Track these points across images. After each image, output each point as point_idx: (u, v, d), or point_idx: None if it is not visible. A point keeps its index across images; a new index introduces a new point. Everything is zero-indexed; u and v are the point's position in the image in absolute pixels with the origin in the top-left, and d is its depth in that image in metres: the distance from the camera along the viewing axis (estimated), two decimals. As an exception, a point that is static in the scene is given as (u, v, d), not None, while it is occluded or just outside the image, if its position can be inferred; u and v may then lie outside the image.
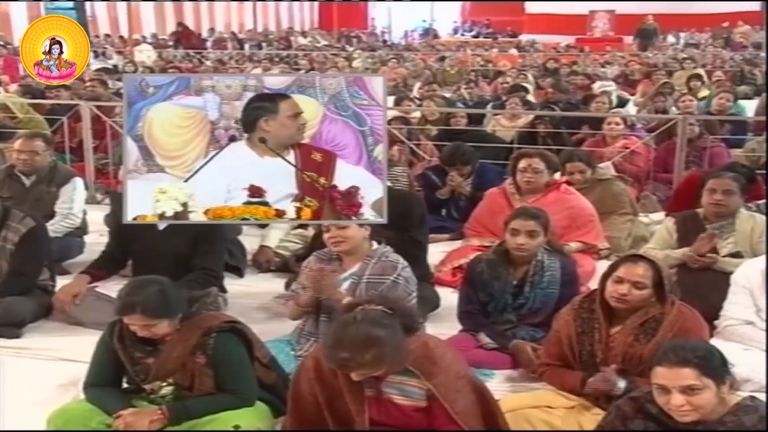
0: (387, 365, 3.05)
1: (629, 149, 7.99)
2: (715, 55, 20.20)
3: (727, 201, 5.05)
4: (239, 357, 3.61)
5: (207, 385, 3.55)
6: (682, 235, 5.12)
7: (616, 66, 17.97)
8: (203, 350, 3.55)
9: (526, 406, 3.65)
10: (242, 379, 3.59)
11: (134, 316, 3.48)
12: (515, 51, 24.23)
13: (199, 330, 3.57)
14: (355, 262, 4.28)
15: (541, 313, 4.44)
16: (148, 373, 3.58)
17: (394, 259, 4.28)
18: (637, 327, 3.67)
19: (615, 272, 3.72)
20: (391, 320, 3.08)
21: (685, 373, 2.79)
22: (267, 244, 6.10)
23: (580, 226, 5.90)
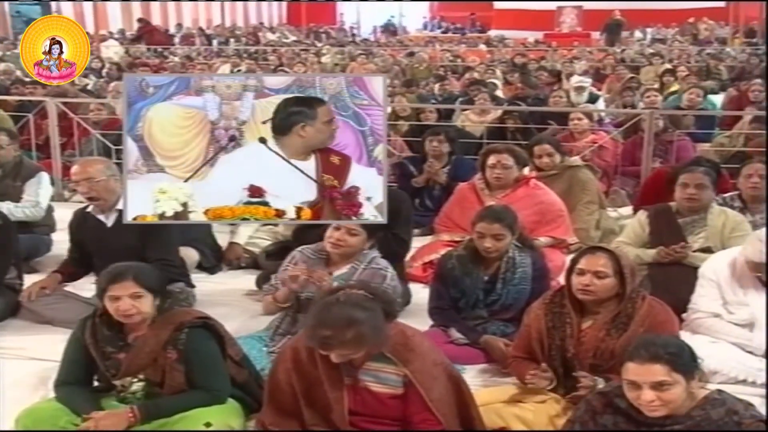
0: (367, 346, 3.10)
1: (597, 144, 8.04)
2: (681, 50, 20.34)
3: (700, 195, 5.10)
4: (211, 353, 3.61)
5: (177, 381, 3.53)
6: (654, 229, 5.17)
7: (584, 61, 18.05)
8: (174, 345, 3.54)
9: (497, 401, 3.67)
10: (214, 374, 3.58)
11: (125, 283, 3.50)
12: (484, 46, 24.29)
13: (171, 325, 3.57)
14: (343, 264, 4.30)
15: (512, 309, 4.45)
16: (119, 368, 3.56)
17: (383, 267, 4.32)
18: (608, 321, 3.70)
19: (577, 265, 3.75)
20: (373, 303, 3.17)
21: (656, 369, 2.81)
22: (236, 241, 6.08)
23: (550, 221, 5.93)
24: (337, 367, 3.19)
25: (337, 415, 3.22)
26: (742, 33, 25.89)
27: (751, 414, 2.86)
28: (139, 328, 3.59)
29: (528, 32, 28.87)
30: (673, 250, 4.94)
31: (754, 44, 22.84)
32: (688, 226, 5.11)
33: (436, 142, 7.04)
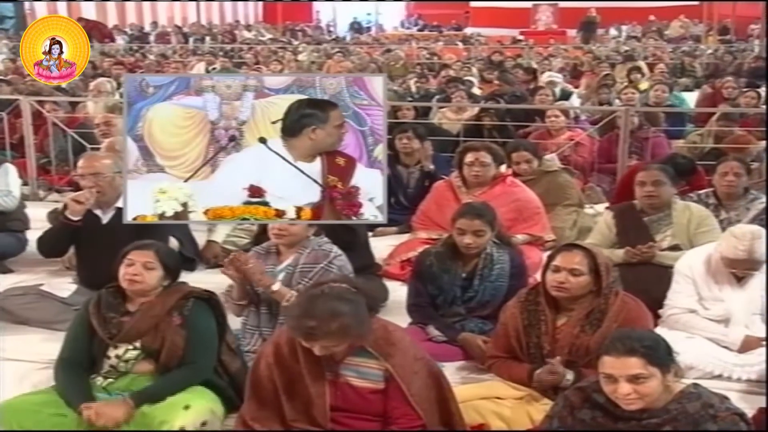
0: (351, 338, 3.12)
1: (574, 141, 8.08)
2: (656, 47, 20.47)
3: (659, 192, 5.12)
4: (209, 327, 3.73)
5: (178, 345, 3.64)
6: (621, 229, 5.19)
7: (560, 58, 18.14)
8: (180, 311, 3.68)
9: (475, 397, 3.69)
10: (204, 349, 3.69)
11: (146, 252, 3.76)
12: (460, 44, 24.34)
13: (179, 293, 3.73)
14: (291, 254, 4.29)
15: (490, 306, 4.46)
16: (120, 329, 3.65)
17: (327, 249, 4.29)
18: (582, 318, 3.72)
19: (552, 262, 3.78)
20: (357, 296, 3.19)
21: (631, 362, 2.83)
22: (214, 239, 6.06)
23: (527, 219, 5.94)
24: (318, 361, 3.20)
25: (319, 409, 3.23)
26: (716, 31, 26.07)
27: (727, 407, 2.88)
28: (140, 301, 3.73)
29: (504, 30, 28.94)
30: (640, 250, 4.97)
31: (727, 42, 23.03)
32: (653, 224, 5.14)
33: (405, 139, 7.06)
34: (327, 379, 3.24)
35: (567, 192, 6.61)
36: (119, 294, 3.77)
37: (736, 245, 4.23)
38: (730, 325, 4.33)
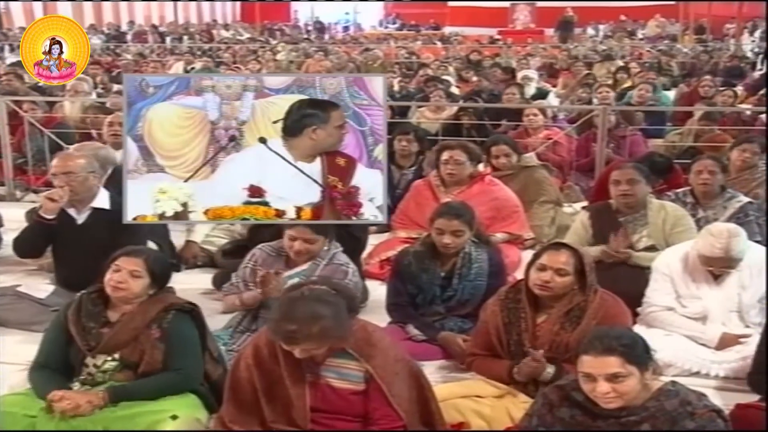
0: (331, 340, 3.11)
1: (552, 140, 8.11)
2: (633, 47, 20.57)
3: (633, 190, 5.13)
4: (191, 338, 3.67)
5: (157, 359, 3.58)
6: (597, 230, 5.20)
7: (538, 58, 18.20)
8: (159, 324, 3.61)
9: (455, 396, 3.69)
10: (188, 357, 3.63)
11: (135, 259, 3.64)
12: (439, 43, 24.36)
13: (160, 305, 3.65)
14: (305, 261, 4.29)
15: (469, 305, 4.47)
16: (99, 341, 3.59)
17: (344, 263, 4.32)
18: (562, 315, 3.74)
19: (538, 260, 3.79)
20: (337, 299, 3.18)
21: (610, 361, 2.84)
22: (193, 239, 6.04)
23: (505, 217, 5.96)
24: (298, 363, 3.19)
25: (299, 411, 3.23)
26: (692, 30, 26.24)
27: (704, 404, 2.91)
28: (122, 308, 3.66)
29: (482, 29, 29.01)
30: (616, 251, 4.98)
31: (703, 41, 23.18)
32: (629, 224, 5.14)
33: (405, 141, 7.04)
34: (307, 381, 3.23)
35: (544, 188, 6.63)
36: (100, 300, 3.70)
37: (713, 243, 4.26)
38: (708, 322, 4.36)
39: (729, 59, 17.08)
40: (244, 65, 15.46)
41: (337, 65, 15.96)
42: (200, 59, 17.73)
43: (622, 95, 11.17)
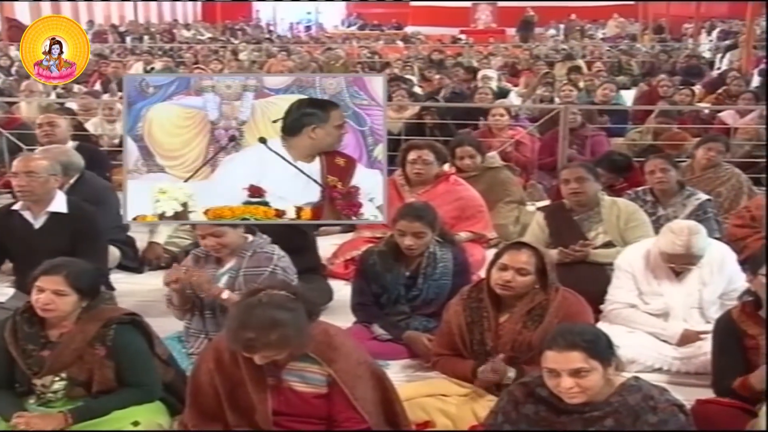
0: (291, 347, 3.09)
1: (515, 139, 8.14)
2: (594, 46, 20.74)
3: (583, 188, 5.16)
4: (140, 349, 3.59)
5: (108, 378, 3.51)
6: (554, 229, 5.23)
7: (500, 57, 18.28)
8: (103, 341, 3.51)
9: (421, 395, 3.71)
10: (144, 371, 3.57)
11: (55, 278, 3.47)
12: (401, 43, 24.39)
13: (98, 321, 3.54)
14: (232, 258, 4.27)
15: (434, 304, 4.49)
16: (42, 365, 3.50)
17: (269, 251, 4.27)
18: (524, 314, 3.76)
19: (499, 260, 3.80)
20: (295, 304, 3.15)
21: (573, 356, 2.87)
22: (156, 241, 6.01)
23: (470, 217, 5.98)
24: (260, 367, 3.17)
25: (261, 415, 3.20)
26: (651, 30, 26.50)
27: (666, 399, 2.95)
28: (59, 326, 3.55)
29: (444, 28, 29.09)
30: (573, 250, 5.02)
31: (663, 40, 23.41)
32: (584, 222, 5.18)
33: None
34: (269, 385, 3.21)
35: (509, 188, 6.67)
36: (36, 318, 3.54)
37: (674, 240, 4.31)
38: (669, 319, 4.42)
39: (686, 59, 17.26)
40: (206, 65, 15.36)
41: (299, 65, 15.93)
42: (161, 59, 17.59)
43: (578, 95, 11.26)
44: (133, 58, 18.20)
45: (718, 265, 4.43)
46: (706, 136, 7.05)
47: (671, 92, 10.83)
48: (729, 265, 4.49)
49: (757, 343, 3.63)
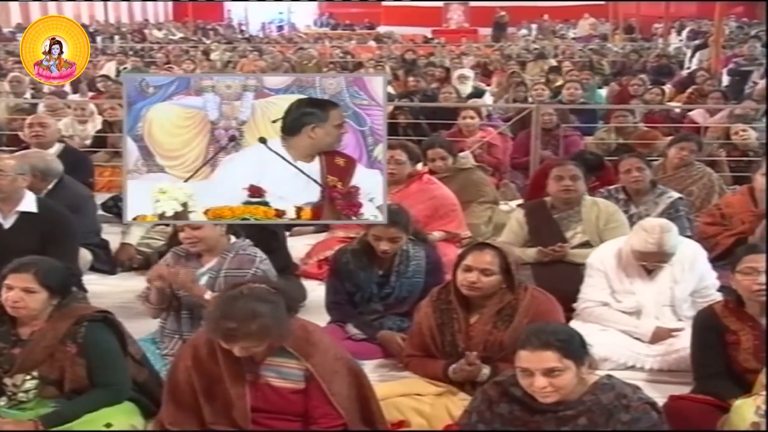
0: (271, 338, 3.11)
1: (486, 139, 8.16)
2: (566, 46, 20.84)
3: (576, 186, 5.20)
4: (111, 348, 3.57)
5: (80, 375, 3.49)
6: (533, 227, 5.25)
7: (472, 57, 18.33)
8: (74, 339, 3.50)
9: (395, 395, 3.71)
10: (114, 370, 3.55)
11: (24, 275, 3.46)
12: (373, 43, 24.40)
13: (70, 319, 3.53)
14: (213, 257, 4.27)
15: (407, 302, 4.50)
16: (12, 363, 3.48)
17: (251, 253, 4.29)
18: (494, 314, 3.78)
19: (463, 261, 3.82)
20: (276, 297, 3.18)
21: (547, 355, 2.88)
22: (128, 242, 5.98)
23: (443, 216, 5.99)
24: (238, 363, 3.18)
25: (239, 411, 3.21)
26: (622, 29, 26.68)
27: (639, 397, 2.96)
28: (30, 324, 3.53)
29: (416, 28, 29.13)
30: (552, 249, 5.05)
31: (633, 40, 23.58)
32: (564, 221, 5.21)
33: None
34: (247, 381, 3.22)
35: (482, 189, 6.68)
36: (6, 317, 3.54)
37: (646, 239, 4.34)
38: (642, 317, 4.45)
39: (656, 58, 17.39)
40: (178, 65, 15.29)
41: (271, 65, 15.89)
42: (132, 59, 17.48)
43: (556, 94, 11.31)
44: (104, 58, 18.07)
45: (690, 263, 4.47)
46: (679, 135, 7.11)
47: (642, 91, 10.91)
48: (700, 262, 4.53)
49: (738, 338, 3.68)
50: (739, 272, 3.69)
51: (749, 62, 15.03)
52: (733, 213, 5.50)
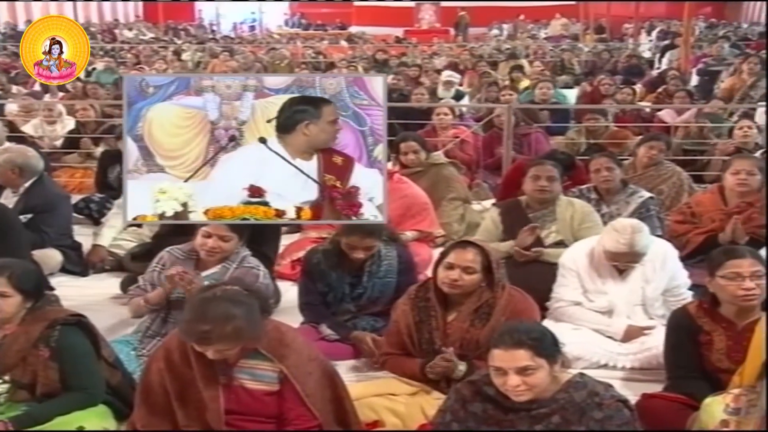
0: (245, 340, 3.09)
1: (459, 138, 8.19)
2: (538, 46, 20.93)
3: (552, 187, 5.23)
4: (85, 351, 3.54)
5: (52, 379, 3.46)
6: (507, 227, 5.26)
7: (444, 57, 18.37)
8: (47, 343, 3.47)
9: (369, 395, 3.72)
10: (88, 374, 3.52)
11: None
12: (345, 43, 24.39)
13: (43, 322, 3.49)
14: (214, 263, 4.27)
15: (379, 302, 4.51)
16: None
17: (254, 265, 4.32)
18: (471, 313, 3.79)
19: (446, 259, 3.82)
20: (249, 299, 3.16)
21: (520, 354, 2.89)
22: (100, 243, 5.94)
23: (415, 215, 6.00)
24: (211, 365, 3.17)
25: (213, 414, 3.19)
26: (593, 30, 26.84)
27: (611, 395, 2.98)
28: (3, 328, 3.50)
29: (388, 28, 29.16)
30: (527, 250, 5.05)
31: (604, 40, 23.72)
32: (538, 220, 5.22)
33: None
34: (220, 383, 3.21)
35: (453, 185, 6.69)
36: None
37: (618, 239, 4.36)
38: (613, 316, 4.47)
39: (626, 58, 17.51)
40: (149, 66, 15.20)
41: (243, 65, 15.84)
42: (102, 59, 17.35)
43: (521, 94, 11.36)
44: (74, 58, 17.89)
45: (661, 262, 4.50)
46: (648, 135, 7.16)
47: (612, 91, 10.97)
48: (671, 262, 4.55)
49: (711, 339, 3.70)
50: (723, 277, 3.64)
51: (718, 62, 15.18)
52: (703, 211, 5.53)
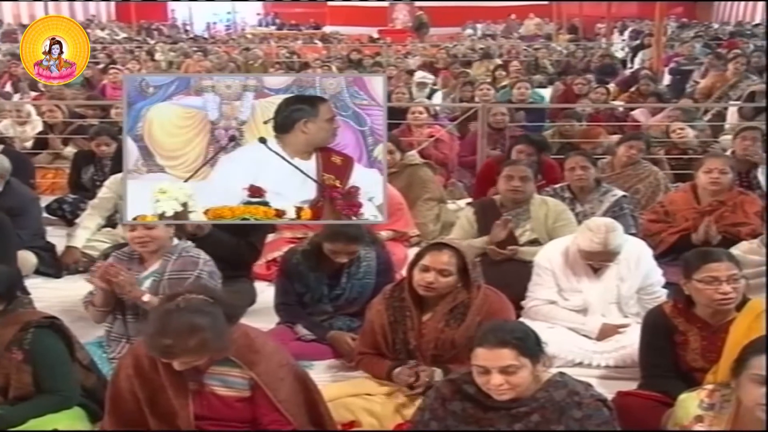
0: (210, 352, 3.04)
1: (434, 137, 8.20)
2: (512, 46, 20.99)
3: (525, 187, 5.25)
4: (59, 354, 3.52)
5: (25, 382, 3.43)
6: (482, 225, 5.28)
7: (418, 57, 18.38)
8: (20, 345, 3.43)
9: (346, 395, 3.71)
10: (61, 376, 3.49)
11: None
12: (319, 42, 24.36)
13: (16, 324, 3.46)
14: (156, 260, 4.23)
15: (357, 303, 4.50)
16: None
17: (195, 254, 4.24)
18: (446, 313, 3.79)
19: (421, 261, 3.81)
20: (214, 308, 3.08)
21: (504, 353, 2.89)
22: (74, 245, 5.90)
23: (390, 215, 5.93)
24: (180, 372, 3.11)
25: (183, 421, 3.15)
26: (565, 29, 26.95)
27: (591, 394, 2.99)
28: None
29: (362, 28, 29.14)
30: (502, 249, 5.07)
31: (576, 40, 23.83)
32: (513, 218, 5.24)
33: None
34: (190, 390, 3.16)
35: (427, 186, 6.70)
36: None
37: (592, 238, 4.38)
38: (588, 314, 4.49)
39: (600, 58, 17.59)
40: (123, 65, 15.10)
41: (217, 65, 15.78)
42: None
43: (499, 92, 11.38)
44: (45, 58, 17.75)
45: (635, 261, 4.52)
46: (628, 134, 7.21)
47: (586, 90, 11.03)
48: (645, 260, 4.58)
49: (686, 339, 3.72)
50: (699, 281, 3.63)
51: (690, 62, 15.30)
52: (677, 210, 5.57)
